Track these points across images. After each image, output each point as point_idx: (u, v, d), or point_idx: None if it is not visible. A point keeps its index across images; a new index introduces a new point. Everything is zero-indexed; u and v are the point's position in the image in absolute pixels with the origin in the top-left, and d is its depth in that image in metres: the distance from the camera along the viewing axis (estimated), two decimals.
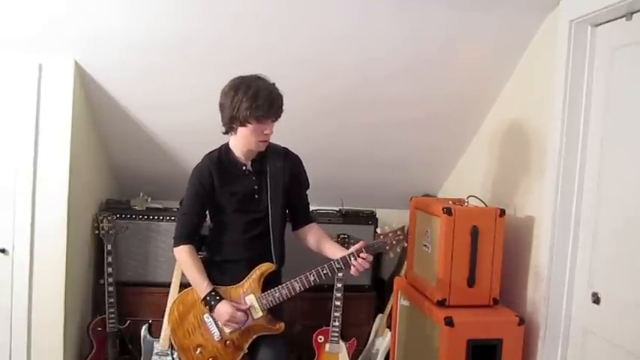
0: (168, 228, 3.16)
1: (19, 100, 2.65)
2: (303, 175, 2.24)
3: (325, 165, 3.15)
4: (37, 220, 2.69)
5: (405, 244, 2.20)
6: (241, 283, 2.09)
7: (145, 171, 3.37)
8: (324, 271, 2.02)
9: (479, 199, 2.65)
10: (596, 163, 2.23)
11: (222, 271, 2.12)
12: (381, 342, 3.19)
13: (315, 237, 2.22)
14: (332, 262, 2.04)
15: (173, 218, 3.14)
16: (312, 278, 2.03)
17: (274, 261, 2.11)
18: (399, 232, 2.11)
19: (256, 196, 2.12)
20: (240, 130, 2.01)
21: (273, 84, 2.01)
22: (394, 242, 2.09)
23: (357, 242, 2.08)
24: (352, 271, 2.02)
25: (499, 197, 2.81)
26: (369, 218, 3.39)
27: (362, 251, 2.01)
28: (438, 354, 2.33)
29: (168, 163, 3.25)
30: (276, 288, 2.05)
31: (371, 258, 2.03)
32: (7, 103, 2.65)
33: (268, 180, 2.12)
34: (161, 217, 3.21)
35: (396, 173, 3.47)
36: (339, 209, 3.37)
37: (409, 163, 3.40)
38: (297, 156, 2.23)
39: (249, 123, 1.97)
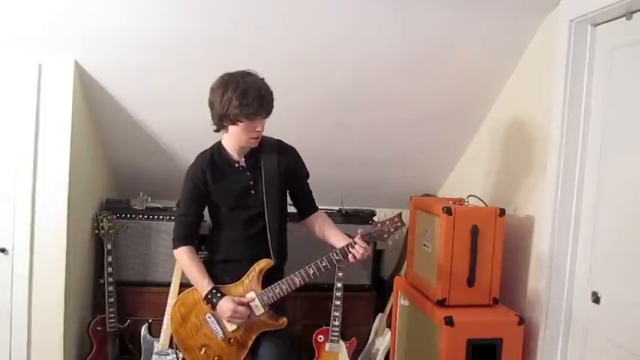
0: (168, 227, 3.16)
1: (19, 100, 2.65)
2: (300, 165, 2.22)
3: (324, 165, 3.15)
4: (37, 220, 2.69)
5: (404, 231, 2.19)
6: (241, 280, 2.09)
7: (144, 171, 3.37)
8: (323, 264, 2.03)
9: (479, 198, 2.65)
10: (596, 162, 2.23)
11: (223, 270, 2.12)
12: (381, 342, 3.19)
13: (320, 226, 2.22)
14: (330, 253, 2.04)
15: (173, 218, 3.13)
16: (311, 271, 2.03)
17: (272, 257, 2.10)
18: (396, 219, 2.11)
19: (252, 192, 2.11)
20: (232, 128, 2.00)
21: (262, 79, 1.98)
22: (392, 229, 2.09)
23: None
24: (349, 257, 2.02)
25: (499, 197, 2.81)
26: (369, 218, 3.39)
27: (360, 240, 2.02)
28: (438, 353, 2.33)
29: (168, 163, 3.25)
30: (276, 284, 2.05)
31: (369, 248, 2.03)
32: (7, 103, 2.65)
33: (263, 175, 2.11)
34: (161, 217, 3.21)
35: (395, 173, 3.47)
36: (339, 209, 3.37)
37: (409, 162, 3.40)
38: (291, 147, 2.21)
39: (240, 121, 1.95)
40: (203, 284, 2.06)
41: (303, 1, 2.37)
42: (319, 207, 2.30)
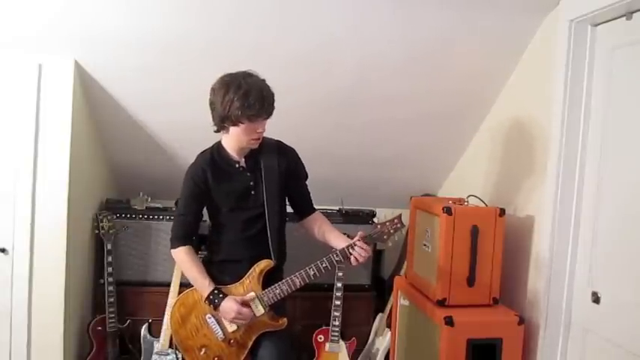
0: (168, 227, 3.09)
1: (19, 100, 2.65)
2: (299, 166, 2.23)
3: (324, 164, 3.15)
4: (37, 220, 2.69)
5: (403, 232, 2.19)
6: (241, 281, 2.09)
7: (144, 171, 3.37)
8: (324, 265, 2.03)
9: (479, 198, 2.65)
10: (596, 162, 2.23)
11: (222, 270, 2.12)
12: (381, 341, 3.19)
13: (319, 228, 2.22)
14: (331, 255, 2.04)
15: (173, 217, 3.13)
16: (311, 272, 2.03)
17: (272, 257, 2.11)
18: (396, 221, 2.11)
19: (252, 192, 2.11)
20: (233, 129, 2.00)
21: (264, 80, 1.98)
22: (392, 231, 2.10)
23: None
24: (352, 260, 2.02)
25: (499, 197, 2.81)
26: (369, 218, 3.38)
27: (361, 241, 2.02)
28: (438, 353, 2.33)
29: (168, 163, 3.25)
30: (276, 284, 2.05)
31: (369, 249, 2.03)
32: (7, 103, 2.65)
33: (263, 175, 2.11)
34: (161, 217, 3.21)
35: (395, 172, 3.47)
36: (339, 209, 3.37)
37: (409, 162, 3.40)
38: (291, 148, 2.22)
39: (241, 122, 1.95)
40: (204, 284, 2.05)
41: (302, 1, 2.37)
42: (319, 207, 2.30)
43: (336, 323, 3.07)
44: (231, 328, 2.06)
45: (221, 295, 2.02)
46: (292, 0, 2.37)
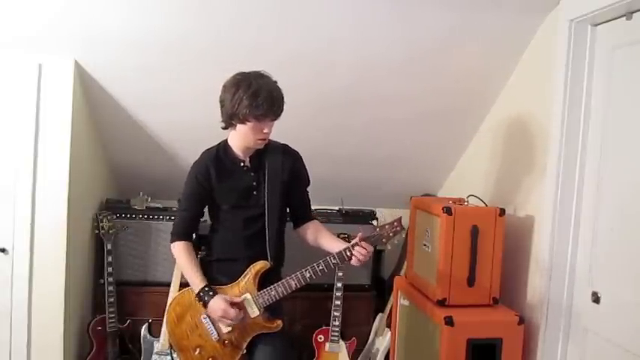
0: (168, 227, 3.10)
1: (19, 100, 2.65)
2: (302, 171, 2.23)
3: (324, 164, 3.15)
4: (37, 220, 2.69)
5: (403, 235, 2.18)
6: (237, 282, 2.08)
7: (144, 171, 3.37)
8: (320, 267, 2.02)
9: (479, 198, 2.65)
10: (596, 162, 2.23)
11: (220, 270, 2.13)
12: (381, 341, 3.19)
13: (314, 233, 2.20)
14: (327, 257, 2.03)
15: (173, 217, 3.13)
16: (307, 275, 2.02)
17: (269, 259, 2.10)
18: (395, 224, 2.10)
19: (254, 192, 2.12)
20: (239, 127, 2.01)
21: (275, 82, 2.00)
22: (391, 234, 2.08)
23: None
24: (353, 261, 2.01)
25: (499, 197, 2.81)
26: (369, 217, 3.39)
27: (362, 242, 2.00)
28: (438, 353, 2.33)
29: (168, 163, 3.25)
30: (272, 286, 2.05)
31: (371, 248, 2.01)
32: (7, 103, 2.65)
33: (266, 175, 2.11)
34: (161, 217, 3.21)
35: (396, 172, 3.47)
36: (339, 209, 3.37)
37: (409, 162, 3.40)
38: (296, 152, 2.22)
39: (248, 121, 1.97)
40: (196, 281, 2.06)
41: (302, 1, 2.37)
42: (318, 207, 2.29)
43: (336, 323, 3.07)
44: (225, 329, 2.05)
45: (211, 293, 2.02)
46: (292, 0, 2.37)
